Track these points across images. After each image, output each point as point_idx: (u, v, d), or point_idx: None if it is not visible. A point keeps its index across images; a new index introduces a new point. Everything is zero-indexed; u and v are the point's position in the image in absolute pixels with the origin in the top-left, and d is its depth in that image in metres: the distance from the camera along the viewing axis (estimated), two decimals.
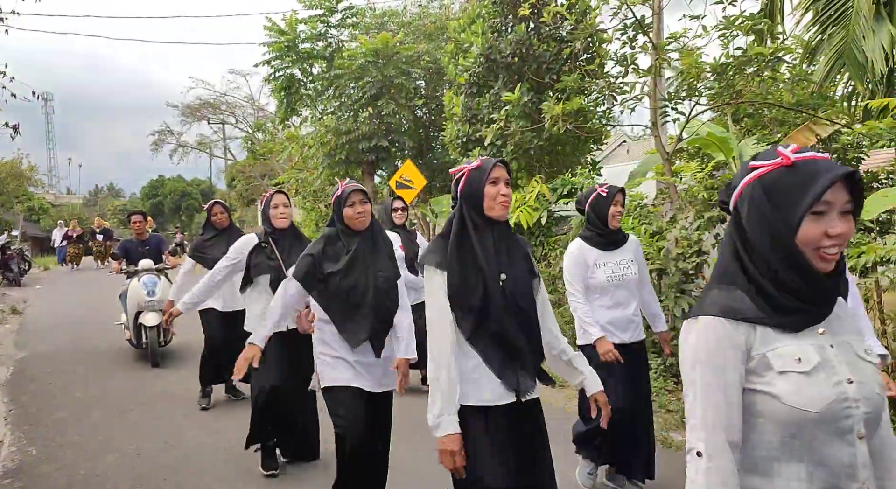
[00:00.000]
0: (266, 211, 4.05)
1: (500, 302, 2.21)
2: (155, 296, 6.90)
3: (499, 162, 2.27)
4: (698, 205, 6.00)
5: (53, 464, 4.27)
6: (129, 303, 7.05)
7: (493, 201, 2.21)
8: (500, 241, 2.27)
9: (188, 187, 60.87)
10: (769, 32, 6.59)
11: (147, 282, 6.98)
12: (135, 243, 7.41)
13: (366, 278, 3.01)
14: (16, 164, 29.75)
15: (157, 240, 7.63)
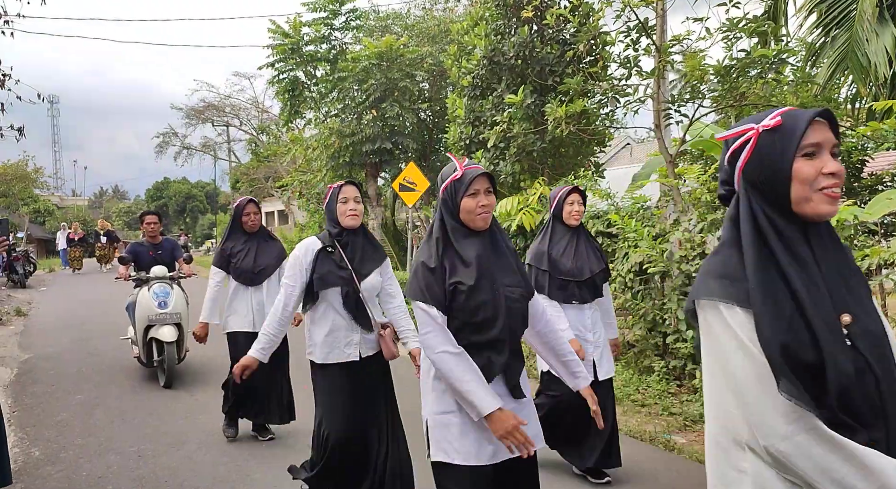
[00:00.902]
0: (332, 206, 3.18)
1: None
2: (167, 307, 6.13)
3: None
4: (702, 207, 5.99)
5: (56, 465, 4.28)
6: (139, 316, 6.18)
7: None
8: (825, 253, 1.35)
9: (192, 189, 61.13)
10: (773, 35, 6.58)
11: (158, 292, 6.19)
12: (146, 247, 6.52)
13: (493, 295, 2.17)
14: (21, 167, 29.93)
15: (171, 244, 6.75)
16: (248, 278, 4.56)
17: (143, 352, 6.36)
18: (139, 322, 6.19)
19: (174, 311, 6.15)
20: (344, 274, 3.07)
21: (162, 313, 6.11)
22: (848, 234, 4.55)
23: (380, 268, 3.24)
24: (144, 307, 6.15)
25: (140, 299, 6.23)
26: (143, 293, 6.24)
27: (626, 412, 5.37)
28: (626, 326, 6.36)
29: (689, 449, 4.48)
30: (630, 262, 6.15)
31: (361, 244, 3.19)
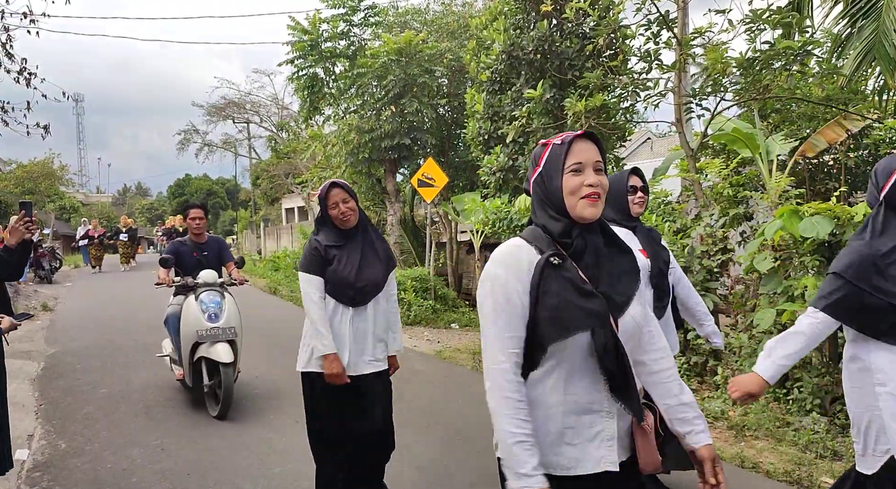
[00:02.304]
0: (554, 192, 1.74)
1: None
2: (219, 320, 5.12)
3: None
4: (723, 202, 5.91)
5: (81, 457, 4.36)
6: (185, 331, 5.17)
7: None
8: None
9: (213, 186, 61.75)
10: (797, 26, 6.45)
11: (208, 302, 5.17)
12: (189, 246, 5.56)
13: None
14: (47, 164, 30.46)
15: (219, 244, 5.77)
16: (348, 295, 3.18)
17: (188, 375, 5.30)
18: (185, 338, 5.17)
19: (228, 325, 5.14)
20: (593, 305, 1.63)
21: (214, 328, 5.06)
22: None
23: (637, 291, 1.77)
24: (192, 320, 5.12)
25: (186, 311, 5.21)
26: (189, 303, 5.21)
27: None
28: None
29: None
30: None
31: (597, 243, 1.73)
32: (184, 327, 5.21)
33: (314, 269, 3.18)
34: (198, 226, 5.57)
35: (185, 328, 5.20)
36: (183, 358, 5.29)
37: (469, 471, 4.06)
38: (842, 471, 3.88)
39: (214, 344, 5.04)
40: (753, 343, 5.13)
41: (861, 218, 4.37)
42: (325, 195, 3.20)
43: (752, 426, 4.63)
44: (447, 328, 9.89)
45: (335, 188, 3.19)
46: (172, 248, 5.58)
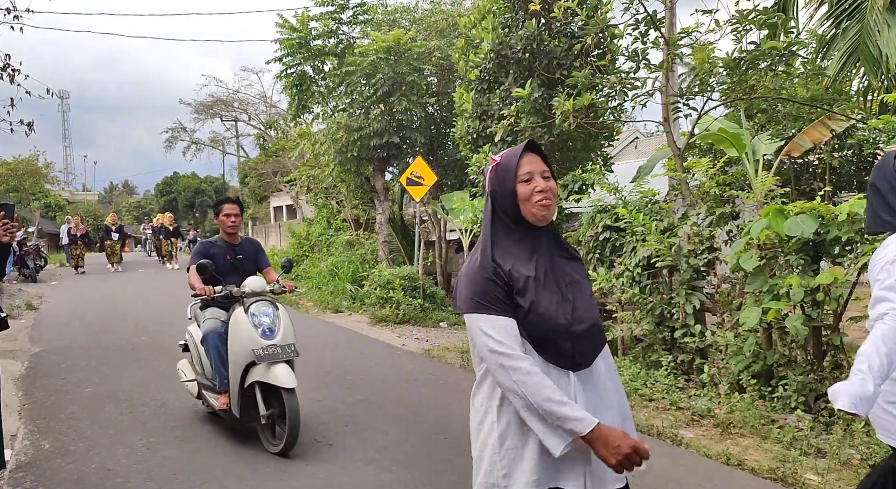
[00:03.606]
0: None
1: None
2: (275, 336, 4.33)
3: None
4: (710, 201, 5.95)
5: (65, 458, 4.32)
6: (235, 349, 4.33)
7: None
8: None
9: (202, 184, 61.35)
10: (783, 27, 6.51)
11: (260, 315, 4.39)
12: (221, 247, 4.81)
13: None
14: (32, 162, 30.13)
15: (254, 246, 5.04)
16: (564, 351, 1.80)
17: (236, 404, 4.39)
18: (236, 360, 4.34)
19: (286, 342, 4.35)
20: None
21: (271, 346, 4.26)
22: (858, 227, 4.50)
23: None
24: (243, 338, 4.28)
25: (235, 326, 4.37)
26: (238, 318, 4.38)
27: (634, 406, 5.36)
28: (634, 321, 6.34)
29: (696, 443, 4.46)
30: (638, 257, 6.12)
31: None
32: (233, 346, 4.36)
33: (499, 306, 1.79)
34: (233, 224, 4.81)
35: (235, 347, 4.35)
36: (232, 383, 4.40)
37: (456, 469, 4.07)
38: (825, 467, 3.93)
39: (272, 365, 4.19)
40: (739, 341, 5.17)
41: (845, 217, 4.42)
42: (515, 164, 1.86)
43: (737, 424, 4.67)
44: (436, 327, 9.89)
45: (529, 154, 1.88)
46: (202, 250, 4.77)
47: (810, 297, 4.60)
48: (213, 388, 4.65)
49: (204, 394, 4.83)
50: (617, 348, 6.80)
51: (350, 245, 15.03)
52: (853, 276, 4.60)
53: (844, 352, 4.85)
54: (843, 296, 4.61)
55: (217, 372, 4.53)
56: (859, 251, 4.50)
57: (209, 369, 4.68)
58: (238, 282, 4.64)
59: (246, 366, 4.30)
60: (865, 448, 4.08)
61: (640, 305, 6.23)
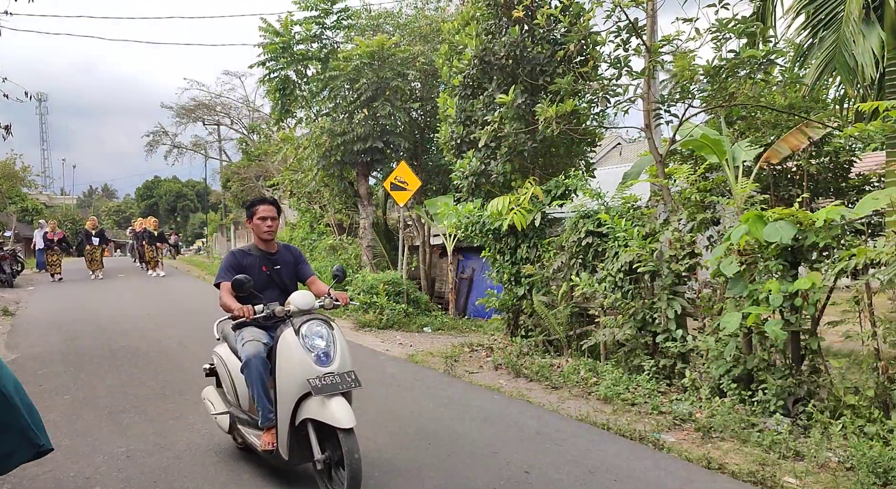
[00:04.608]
0: None
1: None
2: (332, 362, 3.63)
3: None
4: (691, 207, 6.02)
5: (42, 466, 4.24)
6: (285, 379, 3.63)
7: None
8: None
9: (183, 188, 60.85)
10: (761, 35, 6.62)
11: (314, 337, 3.68)
12: (256, 256, 4.15)
13: None
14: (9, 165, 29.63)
15: (293, 254, 4.34)
16: None
17: (285, 445, 3.68)
18: (286, 392, 3.62)
19: (344, 369, 3.65)
20: None
21: (328, 374, 3.54)
22: (835, 233, 4.58)
23: None
24: (294, 365, 3.58)
25: (285, 351, 3.65)
26: (287, 340, 3.65)
27: (616, 411, 5.40)
28: (616, 325, 6.38)
29: (678, 447, 4.50)
30: (620, 262, 6.17)
31: None
32: (283, 375, 3.64)
33: None
34: (269, 228, 4.10)
35: (284, 376, 3.63)
36: (281, 420, 3.65)
37: (439, 473, 4.07)
38: (804, 470, 3.98)
39: (328, 399, 3.48)
40: (720, 346, 5.23)
41: (822, 223, 4.49)
42: None
43: (718, 427, 4.72)
44: (419, 332, 9.88)
45: None
46: (234, 261, 4.10)
47: (789, 302, 4.67)
48: (254, 424, 3.87)
49: (241, 430, 4.04)
50: (599, 353, 6.84)
51: (333, 250, 14.97)
52: (830, 282, 4.68)
53: (822, 356, 4.92)
54: (820, 301, 4.68)
55: (260, 405, 3.73)
56: (836, 257, 4.58)
57: (246, 400, 3.95)
58: (276, 297, 4.04)
59: (302, 399, 3.58)
60: (843, 451, 4.14)
61: (623, 310, 6.27)
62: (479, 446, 4.55)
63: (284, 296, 3.96)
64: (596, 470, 4.13)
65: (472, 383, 6.55)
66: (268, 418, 3.73)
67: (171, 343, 8.52)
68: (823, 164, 7.53)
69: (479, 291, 10.95)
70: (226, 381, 4.19)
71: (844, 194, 7.44)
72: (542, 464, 4.24)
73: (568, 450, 4.50)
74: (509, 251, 8.15)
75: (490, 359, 7.45)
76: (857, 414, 4.47)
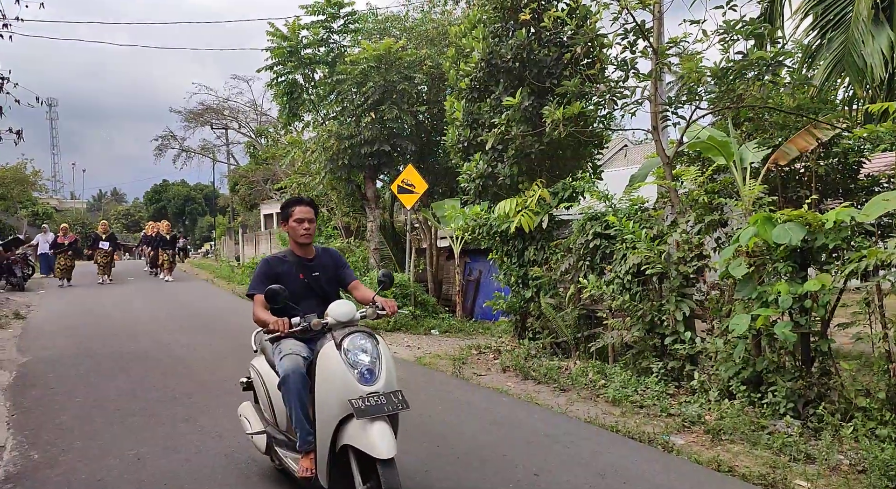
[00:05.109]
0: None
1: None
2: (377, 380, 3.23)
3: None
4: (699, 208, 6.00)
5: (55, 468, 4.28)
6: (324, 399, 3.24)
7: None
8: None
9: (191, 192, 61.15)
10: (769, 37, 6.59)
11: (357, 352, 3.27)
12: (294, 264, 3.82)
13: None
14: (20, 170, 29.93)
15: (333, 259, 4.02)
16: None
17: (325, 472, 3.27)
18: (327, 412, 3.22)
19: (390, 388, 3.24)
20: None
21: (372, 394, 3.14)
22: (845, 234, 4.56)
23: None
24: (336, 383, 3.19)
25: (326, 368, 3.27)
26: (328, 355, 3.28)
27: (625, 413, 5.39)
28: (624, 328, 6.37)
29: (687, 450, 4.49)
30: (628, 264, 6.16)
31: None
32: (323, 394, 3.26)
33: None
34: (306, 231, 3.77)
35: (324, 396, 3.25)
36: (321, 445, 3.27)
37: (448, 476, 4.07)
38: (815, 473, 3.96)
39: (370, 423, 3.07)
40: (729, 348, 5.21)
41: (832, 225, 4.47)
42: None
43: (727, 430, 4.70)
44: (427, 334, 9.89)
45: None
46: (267, 270, 3.76)
47: (798, 304, 4.65)
48: (292, 447, 3.54)
49: (278, 452, 3.71)
50: (607, 355, 6.83)
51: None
52: (840, 283, 4.66)
53: (832, 358, 4.89)
54: (830, 303, 4.66)
55: (299, 426, 3.38)
56: (846, 258, 4.56)
57: (284, 419, 3.63)
58: (315, 306, 3.67)
59: (343, 420, 3.18)
60: (854, 454, 4.12)
61: (631, 312, 6.26)
62: (488, 448, 4.55)
63: (325, 305, 3.59)
64: (605, 472, 4.13)
65: (480, 385, 6.56)
66: (306, 441, 3.37)
67: (181, 347, 8.56)
68: (832, 165, 7.48)
69: (486, 294, 10.95)
70: (262, 398, 3.90)
71: (853, 195, 7.39)
72: (551, 466, 4.24)
73: (577, 453, 4.50)
74: (517, 253, 8.15)
75: (498, 362, 7.45)
76: (868, 416, 4.44)
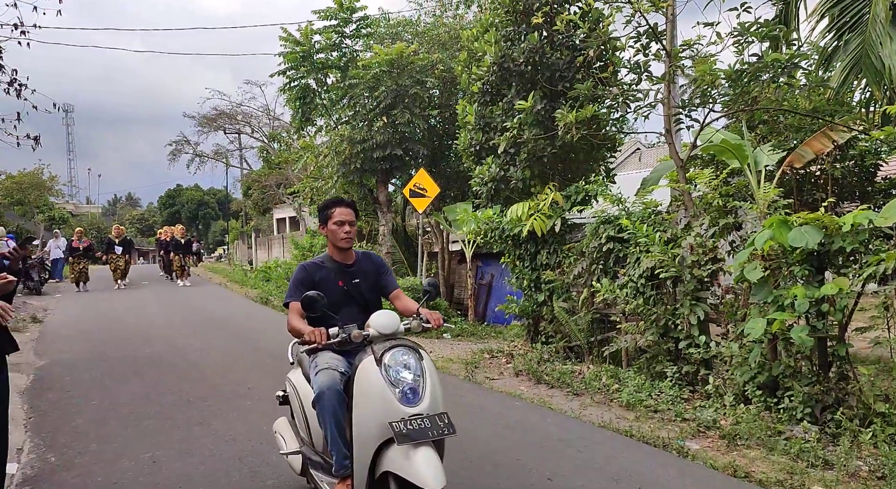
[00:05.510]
0: None
1: None
2: (421, 400, 2.90)
3: None
4: (713, 212, 5.96)
5: (71, 471, 4.32)
6: (363, 420, 2.92)
7: None
8: None
9: (205, 196, 61.58)
10: (785, 39, 6.54)
11: (398, 368, 2.94)
12: (332, 270, 3.54)
13: None
14: (37, 175, 30.30)
15: (374, 264, 3.71)
16: None
17: None
18: (365, 434, 2.90)
19: (435, 410, 2.90)
20: None
21: (415, 417, 2.81)
22: (862, 238, 4.50)
23: None
24: (375, 402, 2.88)
25: (364, 385, 2.95)
26: (367, 371, 2.96)
27: (639, 418, 5.35)
28: (638, 332, 6.33)
29: (703, 455, 4.45)
30: (642, 268, 6.12)
31: None
32: (361, 415, 2.94)
33: None
34: (347, 235, 3.51)
35: (363, 416, 2.93)
36: (358, 470, 2.95)
37: (462, 481, 4.06)
38: (834, 479, 3.91)
39: (414, 449, 2.75)
40: (744, 352, 5.17)
41: (849, 228, 4.42)
42: None
43: (743, 435, 4.65)
44: (439, 338, 9.88)
45: None
46: (304, 276, 3.49)
47: (815, 308, 4.60)
48: (328, 470, 3.20)
49: (314, 475, 3.40)
50: (621, 359, 6.79)
51: None
52: (858, 287, 4.60)
53: (850, 362, 4.83)
54: (848, 307, 4.60)
55: (334, 448, 3.06)
56: (864, 262, 4.50)
57: (320, 439, 3.28)
58: (355, 316, 3.36)
59: (383, 445, 2.87)
60: (873, 460, 4.06)
61: (644, 316, 6.22)
62: (501, 453, 4.54)
63: (366, 314, 3.28)
64: (620, 477, 4.10)
65: (493, 390, 6.54)
66: (343, 465, 3.03)
67: (194, 351, 8.62)
68: (848, 167, 7.42)
69: (498, 297, 10.93)
70: (298, 415, 3.62)
71: (870, 198, 7.32)
72: (565, 471, 4.22)
73: (591, 458, 4.47)
74: (529, 257, 8.13)
75: (510, 366, 7.43)
76: (887, 421, 4.38)
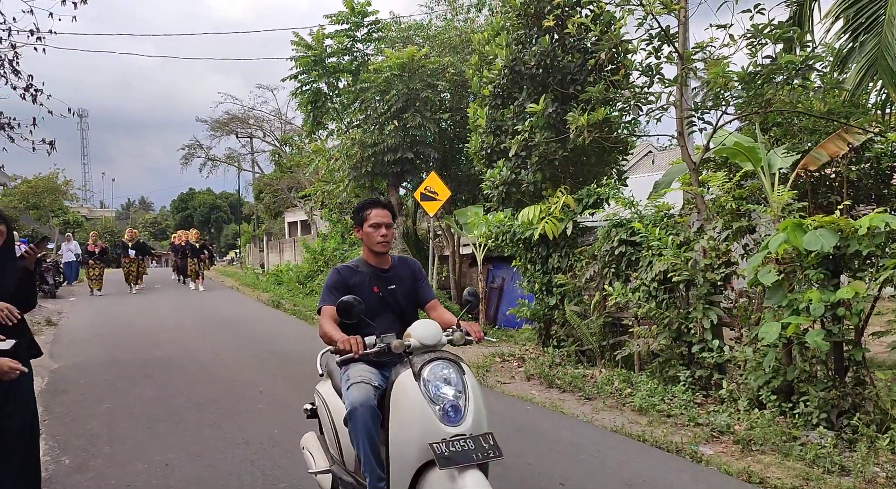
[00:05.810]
0: None
1: None
2: (463, 419, 2.61)
3: None
4: (726, 215, 5.91)
5: (85, 473, 4.34)
6: (399, 440, 2.64)
7: None
8: None
9: (217, 200, 61.95)
10: (798, 41, 6.49)
11: (438, 383, 2.65)
12: (367, 275, 3.29)
13: None
14: (52, 179, 30.62)
15: (411, 269, 3.47)
16: None
17: None
18: (404, 454, 2.61)
19: (480, 430, 2.62)
20: None
21: (458, 438, 2.52)
22: (879, 241, 4.45)
23: None
24: (414, 421, 2.60)
25: (401, 400, 2.68)
26: (404, 386, 2.68)
27: (652, 422, 5.31)
28: (651, 336, 6.29)
29: (717, 460, 4.40)
30: (654, 271, 6.09)
31: None
32: (398, 434, 2.67)
33: None
34: (384, 238, 3.26)
35: (400, 436, 2.65)
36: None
37: None
38: (850, 486, 3.86)
39: (460, 474, 2.46)
40: (758, 356, 5.12)
41: (865, 231, 4.37)
42: None
43: (758, 440, 4.60)
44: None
45: None
46: (338, 280, 3.23)
47: (831, 312, 4.55)
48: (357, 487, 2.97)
49: None
50: (633, 363, 6.75)
51: None
52: (874, 291, 4.55)
53: (866, 367, 4.77)
54: (864, 311, 4.54)
55: (368, 470, 2.75)
56: (880, 265, 4.45)
57: (352, 458, 2.96)
58: (391, 325, 3.11)
59: (423, 467, 2.59)
60: (891, 466, 4.00)
61: (657, 320, 6.18)
62: (513, 457, 4.52)
63: (402, 323, 3.10)
64: (632, 482, 4.07)
65: (505, 394, 6.52)
66: (377, 488, 2.73)
67: (206, 354, 8.66)
68: (864, 170, 7.33)
69: (509, 301, 10.90)
70: (328, 431, 3.30)
71: (886, 201, 7.23)
72: (577, 476, 4.19)
73: (603, 462, 4.44)
74: (540, 260, 8.11)
75: (522, 370, 7.41)
76: None
